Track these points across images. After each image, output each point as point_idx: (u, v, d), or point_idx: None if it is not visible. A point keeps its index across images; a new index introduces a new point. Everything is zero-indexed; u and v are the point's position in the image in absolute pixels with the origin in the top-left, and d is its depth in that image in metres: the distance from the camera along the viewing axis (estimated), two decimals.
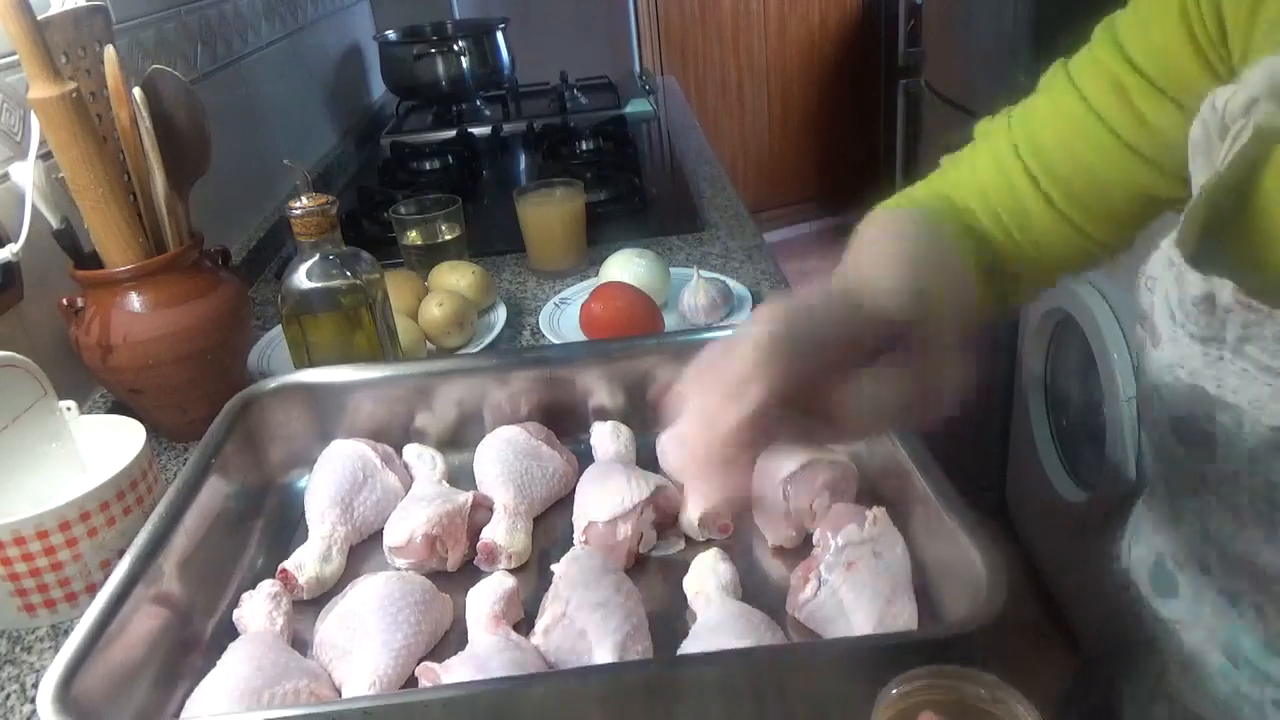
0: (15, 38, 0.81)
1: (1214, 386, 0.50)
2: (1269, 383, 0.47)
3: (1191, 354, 0.51)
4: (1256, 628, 0.55)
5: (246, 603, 0.68)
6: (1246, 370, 0.48)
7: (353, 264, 0.88)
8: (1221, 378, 0.50)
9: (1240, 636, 0.56)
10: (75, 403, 0.83)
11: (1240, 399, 0.49)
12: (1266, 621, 0.54)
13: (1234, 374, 0.49)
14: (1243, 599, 0.55)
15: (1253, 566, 0.53)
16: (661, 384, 0.87)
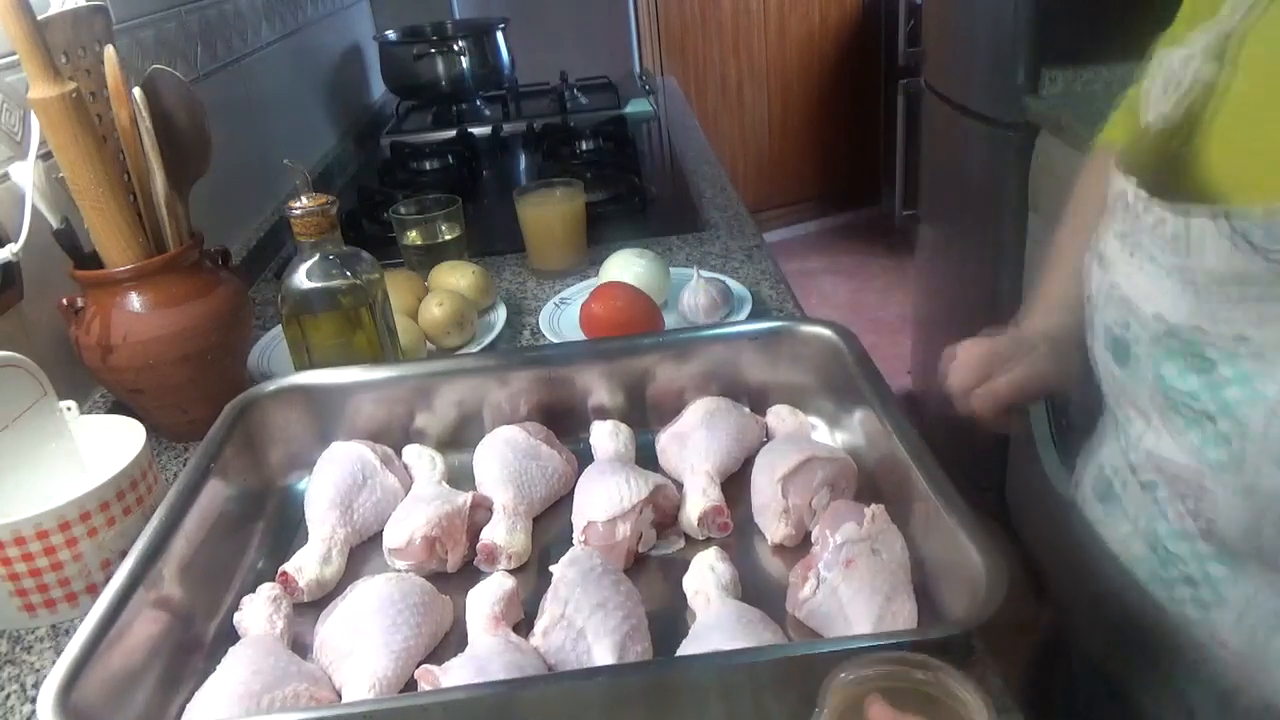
0: (15, 38, 0.81)
1: (1126, 283, 0.59)
2: (1153, 272, 0.55)
3: (1117, 252, 0.60)
4: (1169, 515, 0.62)
5: (247, 606, 0.68)
6: (1142, 264, 0.57)
7: (353, 264, 0.88)
8: (1130, 274, 0.58)
9: (1157, 524, 0.64)
10: (75, 403, 0.83)
11: (1138, 293, 0.57)
12: (1175, 509, 0.61)
13: (1136, 269, 0.58)
14: (1157, 490, 0.63)
15: (1159, 460, 0.60)
16: (661, 383, 0.88)
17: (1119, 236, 0.59)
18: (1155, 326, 0.56)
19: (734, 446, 0.81)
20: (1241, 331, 0.52)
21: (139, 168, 0.92)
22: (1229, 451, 0.53)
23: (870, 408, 0.76)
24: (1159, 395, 0.57)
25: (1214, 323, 0.53)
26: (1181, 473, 0.58)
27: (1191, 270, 0.53)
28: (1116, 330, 0.61)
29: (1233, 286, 0.51)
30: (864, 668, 0.44)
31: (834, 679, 0.43)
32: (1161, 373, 0.56)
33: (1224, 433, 0.53)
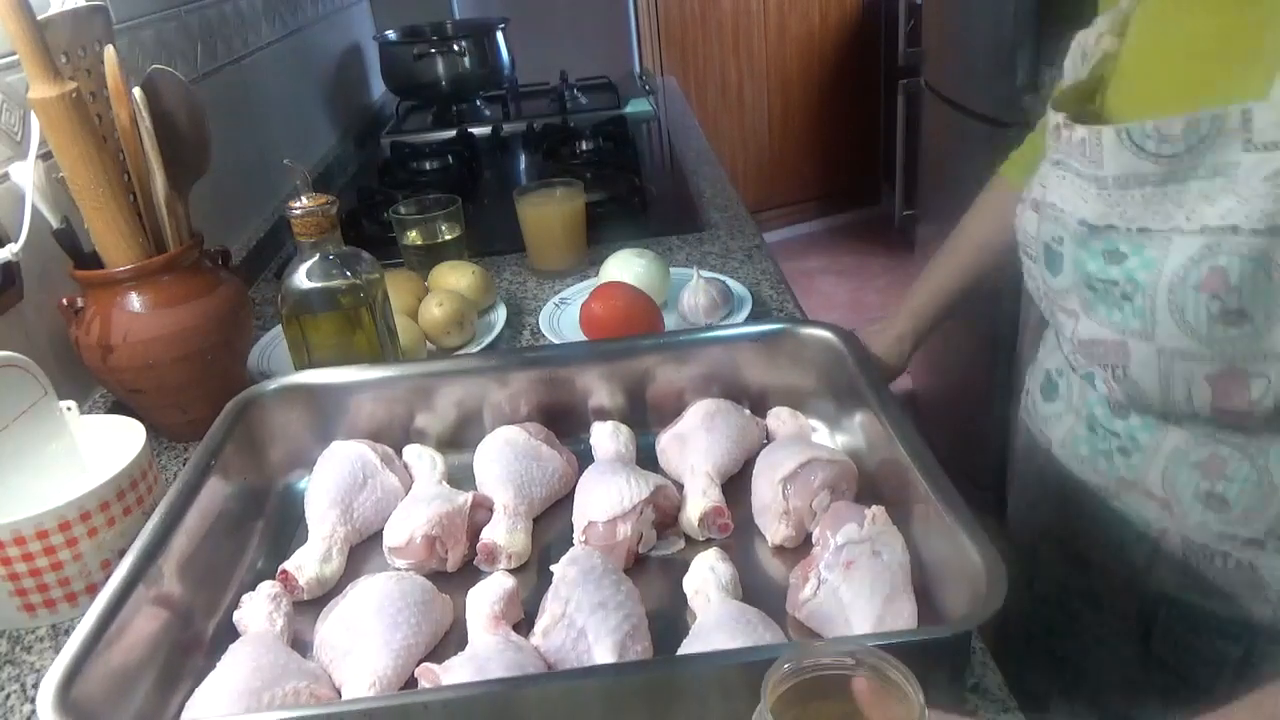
0: (15, 38, 0.81)
1: (1058, 199, 0.74)
2: (1078, 184, 0.71)
3: (1051, 178, 0.75)
4: (1103, 394, 0.77)
5: (247, 604, 0.68)
6: (1069, 179, 0.72)
7: (353, 264, 0.88)
8: (1062, 191, 0.73)
9: (1095, 407, 0.79)
10: (75, 403, 0.83)
11: (1067, 205, 0.72)
12: (1110, 389, 0.75)
13: (1064, 184, 0.73)
14: (1094, 376, 0.76)
15: (1090, 345, 0.74)
16: (661, 384, 0.88)
17: (1053, 163, 0.75)
18: (1079, 230, 0.71)
19: (734, 448, 0.81)
20: (1144, 224, 0.66)
21: (139, 168, 0.92)
22: (1143, 320, 0.67)
23: (870, 409, 0.76)
24: (1085, 290, 0.72)
25: (1122, 219, 0.67)
26: (1109, 348, 0.71)
27: (1103, 178, 0.68)
28: (1053, 246, 0.75)
29: (1134, 187, 0.66)
30: (802, 659, 0.44)
31: (773, 672, 0.43)
32: (1088, 269, 0.70)
33: (1139, 306, 0.67)
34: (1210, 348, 0.64)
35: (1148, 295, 0.66)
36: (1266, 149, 0.59)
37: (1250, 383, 0.64)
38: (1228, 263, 0.61)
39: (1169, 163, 0.63)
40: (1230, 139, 0.60)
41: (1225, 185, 0.61)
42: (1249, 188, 0.60)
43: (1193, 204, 0.63)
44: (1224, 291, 0.62)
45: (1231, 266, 0.61)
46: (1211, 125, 0.61)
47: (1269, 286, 0.61)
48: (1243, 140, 0.60)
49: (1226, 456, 0.69)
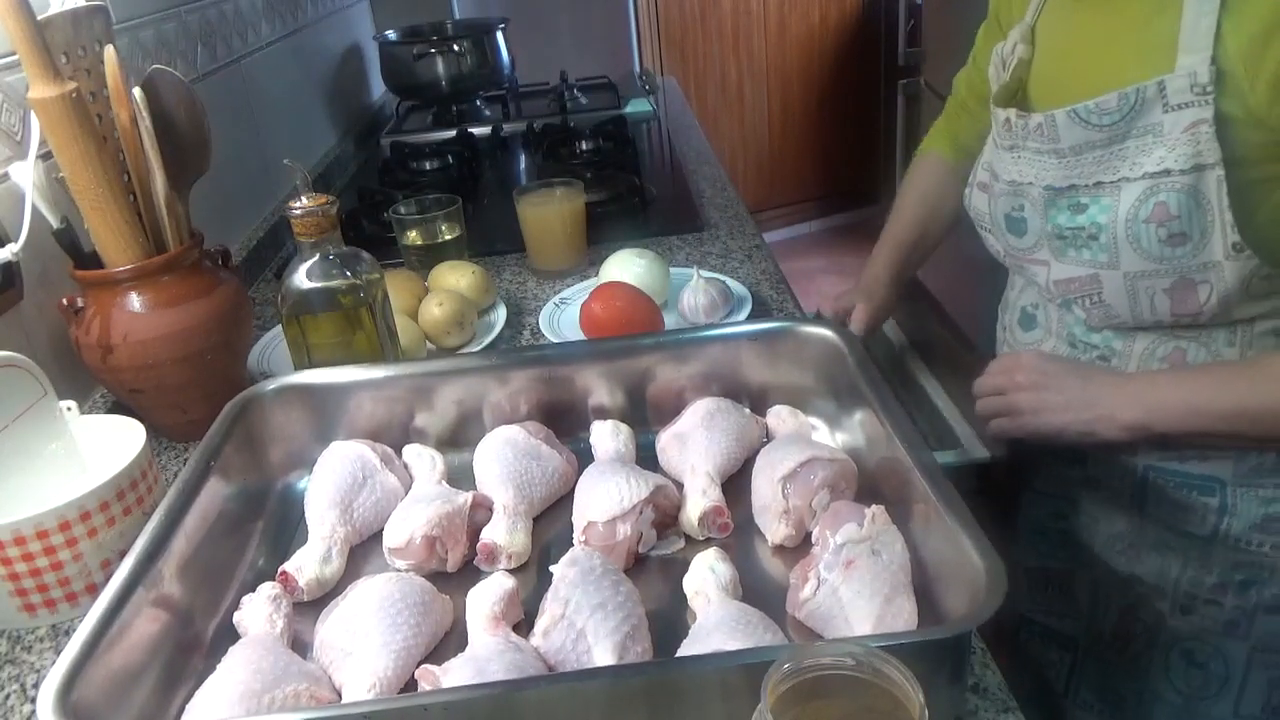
0: (15, 38, 0.81)
1: (1019, 175, 0.90)
2: (1039, 159, 0.87)
3: (1006, 162, 0.91)
4: (1079, 316, 0.91)
5: (247, 605, 0.68)
6: (1030, 158, 0.88)
7: (353, 264, 0.88)
8: (1021, 169, 0.89)
9: (1072, 327, 0.93)
10: (75, 403, 0.83)
11: (1030, 177, 0.88)
12: (1086, 310, 0.89)
13: (1025, 163, 0.89)
14: (1071, 302, 0.90)
15: (1065, 283, 0.89)
16: (661, 383, 0.88)
17: (1006, 149, 0.91)
18: (1045, 195, 0.87)
19: (734, 447, 0.81)
20: (1098, 179, 0.82)
21: (139, 168, 0.92)
22: (1109, 254, 0.83)
23: (870, 408, 0.76)
24: (1055, 240, 0.87)
25: (1080, 178, 0.83)
26: (1083, 282, 0.87)
27: (1061, 150, 0.84)
28: (1014, 214, 0.92)
29: (1086, 152, 0.83)
30: (802, 659, 0.44)
31: (773, 672, 0.43)
32: (1057, 222, 0.86)
33: (1104, 243, 0.83)
34: (1163, 264, 0.81)
35: (1109, 234, 0.82)
36: (1181, 108, 0.77)
37: (1198, 289, 0.81)
38: (1167, 197, 0.78)
39: (1110, 130, 0.80)
40: (1153, 105, 0.78)
41: (1155, 140, 0.78)
42: (1172, 138, 0.77)
43: (1133, 158, 0.80)
44: (1167, 219, 0.78)
45: (1170, 200, 0.78)
46: (1138, 96, 0.78)
47: (1200, 211, 0.77)
48: (1161, 104, 0.77)
49: (1185, 346, 0.85)
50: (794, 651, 0.45)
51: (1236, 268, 0.78)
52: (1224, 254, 0.78)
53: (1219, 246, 0.78)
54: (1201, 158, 0.76)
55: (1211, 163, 0.76)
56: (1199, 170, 0.77)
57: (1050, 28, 0.93)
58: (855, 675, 0.44)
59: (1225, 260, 0.78)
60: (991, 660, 0.64)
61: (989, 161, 0.96)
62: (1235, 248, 0.78)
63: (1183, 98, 0.76)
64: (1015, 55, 0.94)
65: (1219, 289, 0.80)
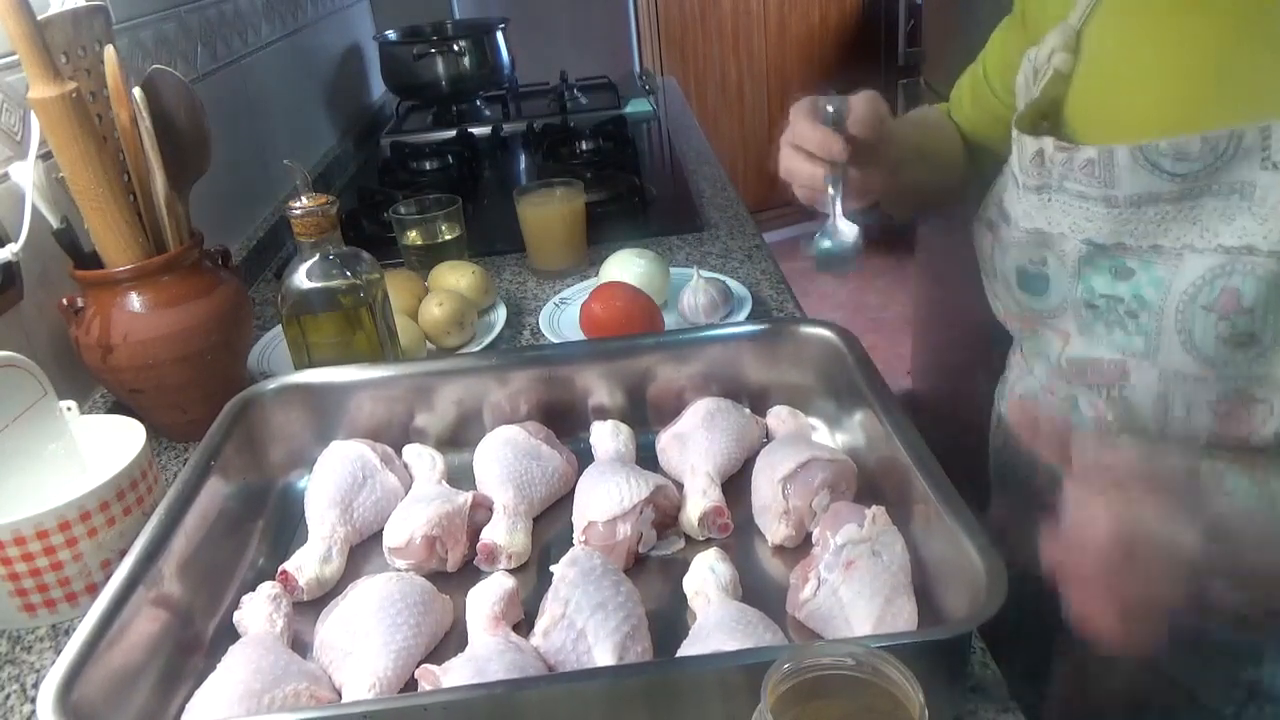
0: (15, 38, 0.81)
1: (1046, 224, 0.72)
2: (1081, 205, 0.69)
3: (1030, 206, 0.73)
4: (1089, 417, 0.75)
5: (247, 604, 0.68)
6: (1066, 202, 0.70)
7: (353, 264, 0.88)
8: (1051, 215, 0.71)
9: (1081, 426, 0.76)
10: (75, 403, 0.83)
11: (1063, 227, 0.70)
12: (1098, 411, 0.73)
13: (1058, 209, 0.71)
14: (1078, 399, 0.75)
15: (1082, 364, 0.72)
16: (661, 383, 0.88)
17: (1032, 190, 0.73)
18: (1082, 250, 0.69)
19: (734, 447, 0.81)
20: (1155, 241, 0.65)
21: (139, 168, 0.92)
22: (1146, 340, 0.67)
23: (871, 409, 0.76)
24: (1082, 309, 0.70)
25: (1133, 237, 0.66)
26: (1105, 367, 0.70)
27: (1114, 198, 0.66)
28: (1032, 269, 0.75)
29: (1148, 205, 0.65)
30: (802, 659, 0.44)
31: (773, 672, 0.43)
32: (1092, 285, 0.69)
33: (1144, 324, 0.66)
34: (1216, 370, 0.63)
35: (1154, 314, 0.65)
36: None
37: (1254, 409, 0.63)
38: (1241, 283, 0.60)
39: (1184, 181, 0.62)
40: (1248, 157, 0.59)
41: (1242, 204, 0.60)
42: (1266, 207, 0.59)
43: (1207, 222, 0.62)
44: (1235, 313, 0.61)
45: (1245, 288, 0.60)
46: (1231, 144, 0.60)
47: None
48: (1260, 159, 0.59)
49: (1223, 470, 0.68)
50: (794, 652, 0.45)
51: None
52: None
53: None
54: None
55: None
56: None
57: (1103, 34, 0.73)
58: (855, 675, 0.44)
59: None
60: (991, 660, 0.64)
61: (1000, 199, 0.78)
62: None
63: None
64: (1051, 65, 0.75)
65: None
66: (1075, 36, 0.75)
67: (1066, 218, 0.70)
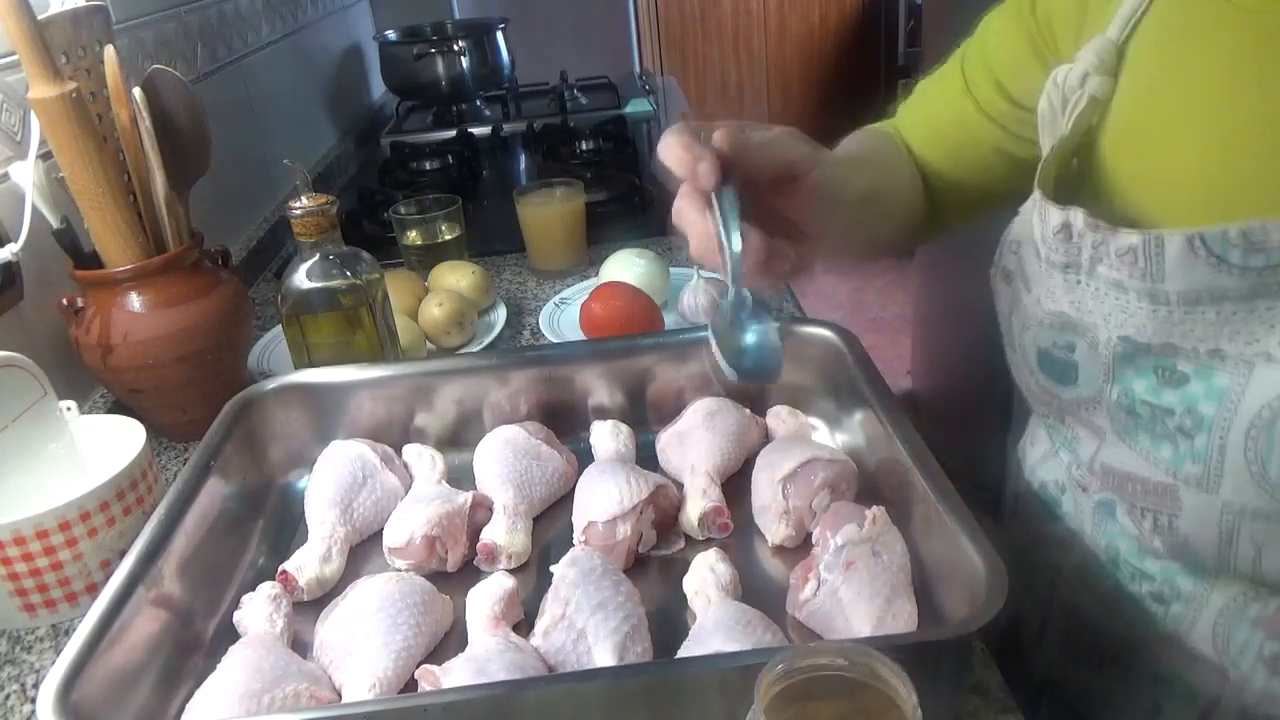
0: (15, 38, 0.81)
1: (1074, 310, 0.58)
2: (1117, 297, 0.55)
3: (1055, 284, 0.59)
4: (1129, 532, 0.62)
5: (247, 604, 0.68)
6: (1099, 289, 0.56)
7: (353, 264, 0.88)
8: (1079, 300, 0.57)
9: (1117, 541, 0.63)
10: (75, 403, 0.83)
11: (1095, 317, 0.57)
12: (1138, 524, 0.60)
13: (1090, 295, 0.57)
14: (1116, 508, 0.62)
15: (1121, 476, 0.59)
16: (661, 383, 0.88)
17: (1058, 268, 0.58)
18: (1120, 347, 0.55)
19: (734, 447, 0.81)
20: (1216, 345, 0.51)
21: (139, 168, 0.92)
22: (1205, 467, 0.53)
23: (871, 409, 0.76)
24: (1120, 412, 0.57)
25: (1187, 339, 0.52)
26: (1152, 490, 0.57)
27: (1163, 292, 0.52)
28: (1057, 353, 0.60)
29: (1208, 304, 0.51)
30: (796, 659, 0.44)
31: (767, 672, 0.43)
32: (1131, 389, 0.56)
33: (1200, 448, 0.53)
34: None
35: (1215, 435, 0.51)
36: None
37: None
38: None
39: (1259, 275, 0.49)
40: None
41: None
42: None
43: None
44: None
45: None
46: None
47: None
48: None
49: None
50: (787, 653, 0.45)
51: None
52: None
53: None
54: None
55: None
56: None
57: (1152, 59, 0.58)
58: (849, 676, 0.44)
59: None
60: (991, 660, 0.64)
61: (1020, 255, 0.63)
62: None
63: None
64: (1086, 91, 0.60)
65: None
66: (1116, 54, 0.59)
67: (1101, 307, 0.56)
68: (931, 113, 0.80)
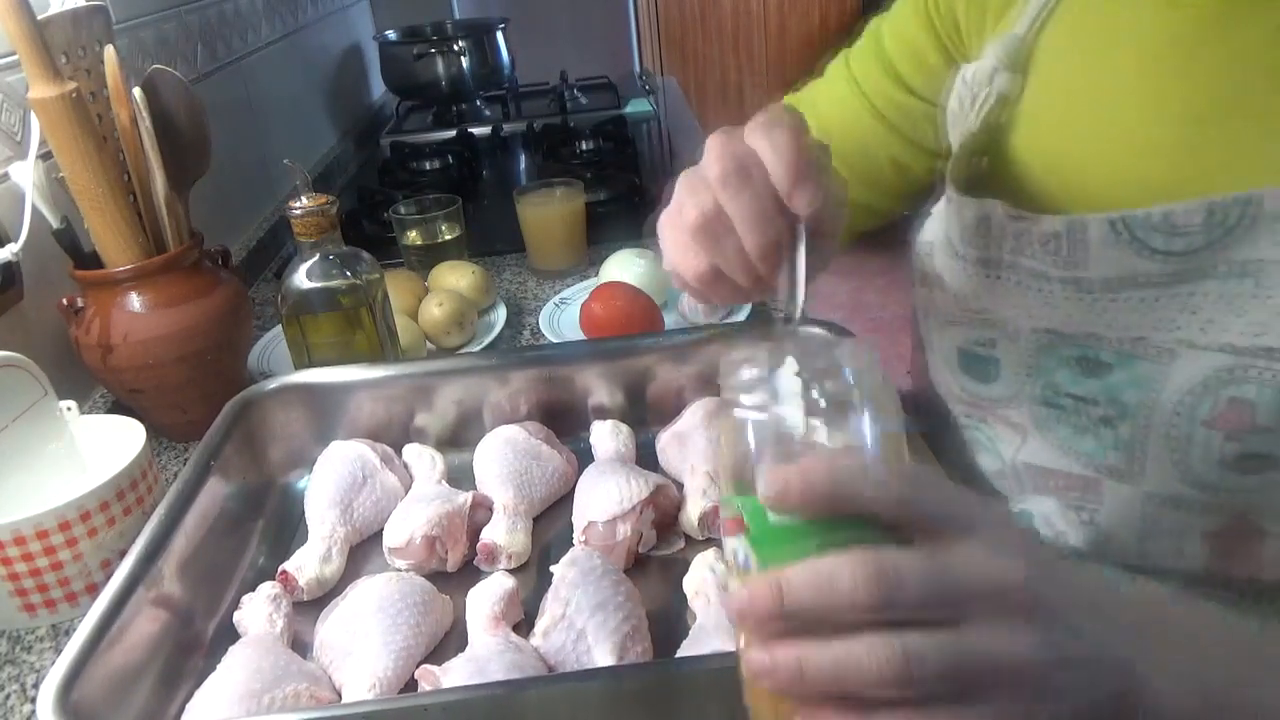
0: (15, 38, 0.81)
1: (993, 305, 0.57)
2: (1040, 288, 0.54)
3: (972, 282, 0.58)
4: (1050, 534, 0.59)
5: (247, 605, 0.68)
6: (1020, 281, 0.55)
7: (353, 264, 0.88)
8: (998, 294, 0.57)
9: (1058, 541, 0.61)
10: (75, 403, 0.83)
11: (1016, 310, 0.55)
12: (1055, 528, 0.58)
13: (1010, 288, 0.56)
14: (1031, 517, 0.60)
15: (1043, 473, 0.58)
16: (661, 383, 0.88)
17: (976, 263, 0.58)
18: (1040, 339, 0.55)
19: None
20: (1139, 333, 0.51)
21: (139, 168, 0.92)
22: (1127, 456, 0.52)
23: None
24: (1041, 407, 0.56)
25: (1110, 328, 0.52)
26: (1074, 485, 0.56)
27: (1085, 279, 0.52)
28: (978, 349, 0.60)
29: (1130, 290, 0.50)
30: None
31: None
32: (1053, 380, 0.55)
33: (1123, 438, 0.52)
34: (1217, 498, 0.50)
35: (1138, 424, 0.51)
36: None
37: (1262, 543, 0.51)
38: (1257, 395, 0.47)
39: (1180, 260, 0.48)
40: (1265, 230, 0.46)
41: (1257, 291, 0.47)
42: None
43: (1210, 312, 0.48)
44: (1246, 430, 0.48)
45: (1261, 399, 0.47)
46: (1240, 212, 0.46)
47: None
48: (1277, 233, 0.46)
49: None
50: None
51: None
52: None
53: None
54: None
55: None
56: None
57: (1061, 55, 0.58)
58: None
59: None
60: None
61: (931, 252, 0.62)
62: None
63: None
64: (993, 89, 0.60)
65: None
66: (1023, 53, 0.59)
67: (1020, 300, 0.55)
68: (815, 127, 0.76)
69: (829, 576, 0.33)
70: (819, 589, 0.33)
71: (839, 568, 0.33)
